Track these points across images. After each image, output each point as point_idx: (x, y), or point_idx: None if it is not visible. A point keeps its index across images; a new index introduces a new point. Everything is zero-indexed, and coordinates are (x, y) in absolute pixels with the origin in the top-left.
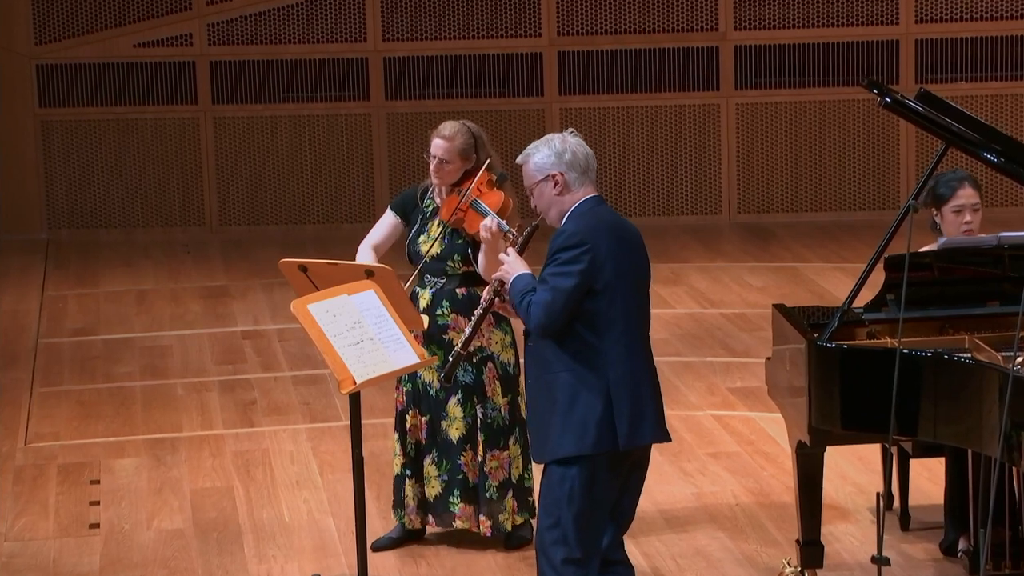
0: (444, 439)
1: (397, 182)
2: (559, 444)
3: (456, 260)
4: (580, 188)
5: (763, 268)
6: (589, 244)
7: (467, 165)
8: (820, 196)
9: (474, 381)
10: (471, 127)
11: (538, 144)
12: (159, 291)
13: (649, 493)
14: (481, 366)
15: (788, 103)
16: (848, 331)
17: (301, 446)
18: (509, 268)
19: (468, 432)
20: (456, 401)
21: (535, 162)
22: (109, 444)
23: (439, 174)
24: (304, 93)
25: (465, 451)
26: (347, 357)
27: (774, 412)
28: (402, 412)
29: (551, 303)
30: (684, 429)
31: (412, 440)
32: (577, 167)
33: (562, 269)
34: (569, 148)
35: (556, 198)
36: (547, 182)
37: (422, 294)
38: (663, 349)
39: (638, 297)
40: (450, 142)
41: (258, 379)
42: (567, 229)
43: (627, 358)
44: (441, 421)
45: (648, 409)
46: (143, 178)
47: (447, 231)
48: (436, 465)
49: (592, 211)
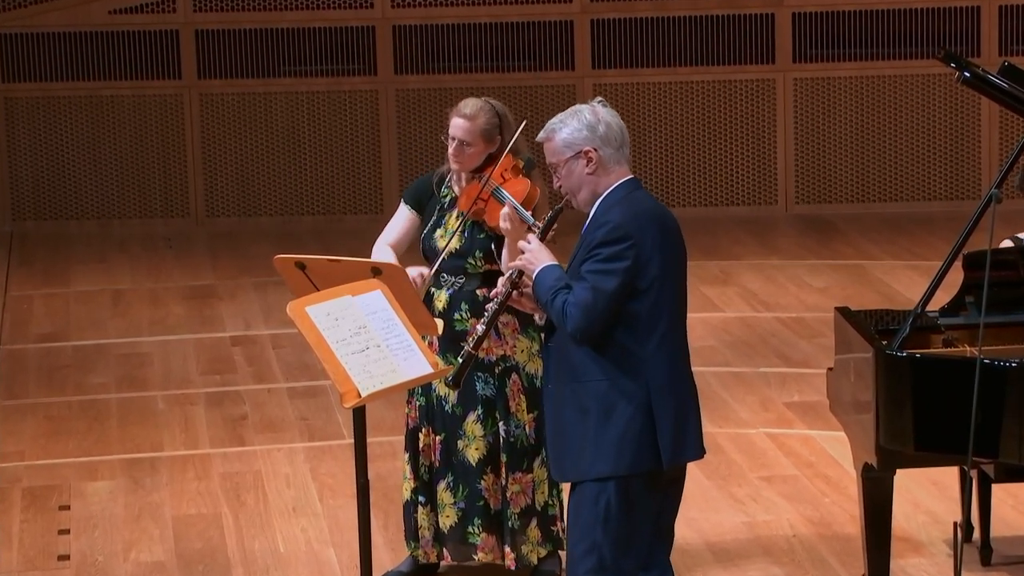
0: (461, 461)
1: (407, 168)
2: (592, 462)
3: (477, 257)
4: (615, 168)
5: (824, 266)
6: (634, 239)
7: (490, 148)
8: (889, 184)
9: (496, 395)
10: (495, 105)
11: (564, 117)
12: (137, 291)
13: (695, 523)
14: (504, 378)
15: (853, 78)
16: (922, 338)
17: (298, 468)
18: (532, 258)
19: (489, 452)
20: (475, 418)
21: (564, 137)
22: (81, 465)
23: (458, 158)
24: (303, 66)
25: (485, 474)
26: (350, 366)
27: (837, 430)
28: (414, 430)
29: (592, 305)
30: (734, 449)
31: (425, 462)
32: (612, 143)
33: (605, 267)
34: (602, 121)
35: (589, 178)
36: (578, 159)
37: (438, 295)
38: (710, 358)
39: (680, 295)
40: (471, 122)
41: (249, 391)
42: (610, 220)
43: (669, 364)
44: (458, 441)
45: (691, 422)
46: (119, 163)
47: (467, 224)
48: (451, 491)
49: (630, 197)
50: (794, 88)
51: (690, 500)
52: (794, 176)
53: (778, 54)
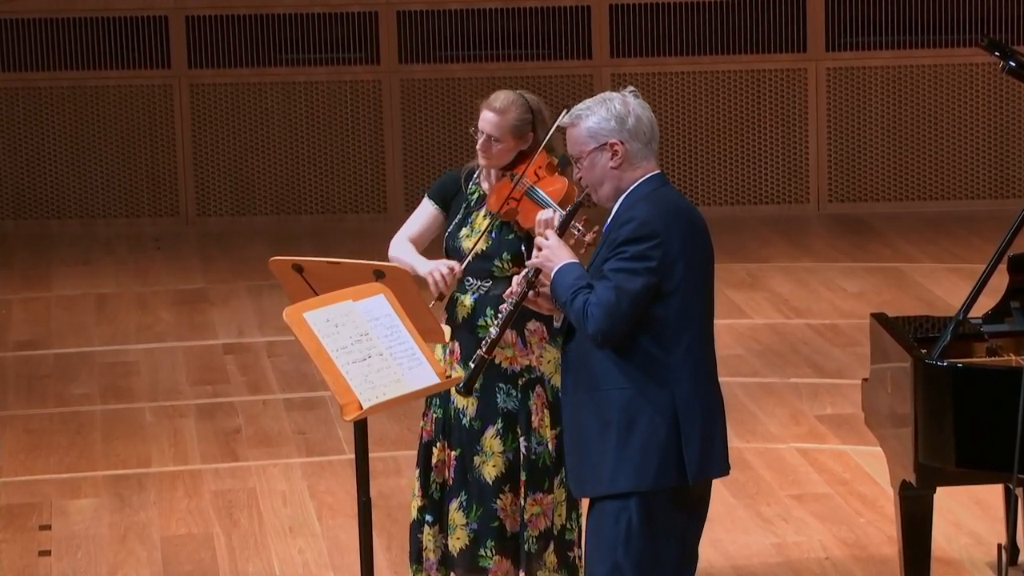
0: (477, 479)
1: (412, 164)
2: (613, 476)
3: (505, 260)
4: (642, 163)
5: (859, 269)
6: (662, 237)
7: (522, 145)
8: (929, 181)
9: (518, 408)
10: (529, 99)
11: (592, 104)
12: (123, 295)
13: (720, 544)
14: (528, 390)
15: (890, 67)
16: (964, 346)
17: (295, 485)
18: (551, 255)
19: (507, 470)
20: (494, 432)
21: (590, 126)
22: (62, 481)
23: (487, 154)
24: (301, 55)
25: (502, 493)
26: (351, 376)
27: (873, 445)
28: (428, 444)
29: (615, 306)
30: (763, 466)
31: (437, 479)
32: (641, 137)
33: (629, 265)
34: (632, 112)
35: (613, 172)
36: (603, 151)
37: (462, 300)
38: (737, 367)
39: (708, 299)
40: (502, 116)
41: (243, 403)
42: (635, 216)
43: (696, 373)
44: (474, 457)
45: (718, 435)
46: (104, 158)
47: (495, 224)
48: (464, 511)
49: (656, 193)
50: (827, 78)
51: (716, 520)
52: (827, 172)
53: (810, 41)
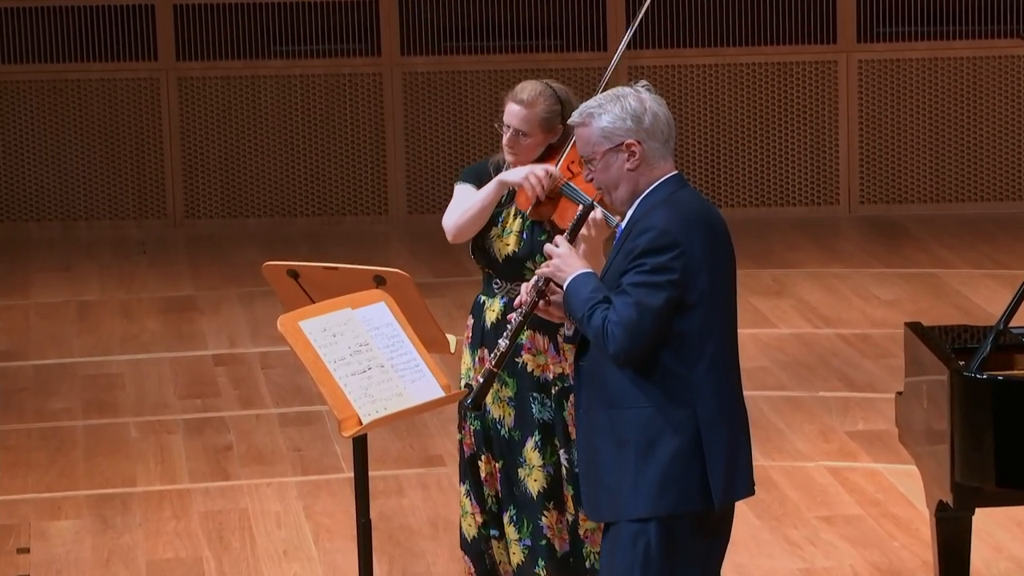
0: (523, 492)
1: (416, 162)
2: (631, 501)
3: (538, 262)
4: (659, 163)
5: (893, 275)
6: (683, 246)
7: (551, 139)
8: (968, 181)
9: (553, 419)
10: (557, 90)
11: (604, 101)
12: (107, 303)
13: (744, 569)
14: (562, 399)
15: (926, 59)
16: (1004, 358)
17: (290, 505)
18: (562, 264)
19: (550, 485)
20: (533, 444)
21: (603, 126)
22: (42, 501)
23: (514, 149)
24: (296, 46)
25: (547, 510)
26: (350, 390)
27: (907, 463)
28: (472, 457)
29: (637, 324)
30: (789, 485)
31: (491, 491)
32: (658, 136)
33: (650, 279)
34: (649, 110)
35: (629, 174)
36: (618, 152)
37: (490, 304)
38: (762, 380)
39: (731, 308)
40: (529, 109)
41: (235, 418)
42: (654, 224)
43: (720, 389)
44: (518, 469)
45: (742, 455)
46: (86, 156)
47: (527, 224)
48: (516, 526)
49: (674, 197)
50: (859, 71)
51: (739, 543)
52: (858, 172)
53: (840, 32)
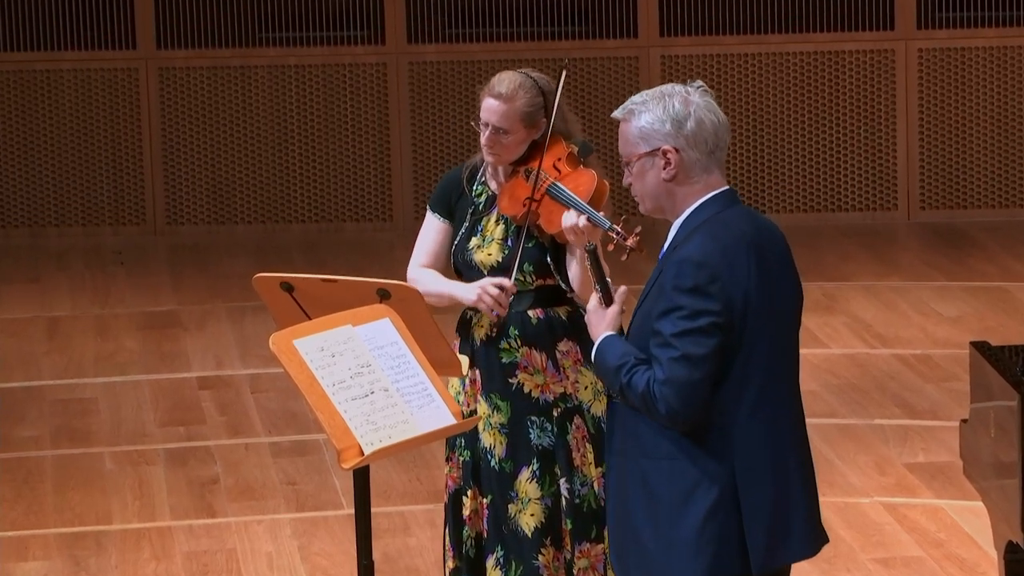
0: (514, 531)
1: (423, 161)
2: (663, 564)
3: (527, 271)
4: (703, 176)
5: (957, 288)
6: (722, 280)
7: (534, 135)
8: None
9: (555, 444)
10: (537, 79)
11: (649, 98)
12: (79, 319)
13: None
14: (565, 422)
15: (993, 49)
16: None
17: (284, 545)
18: (592, 328)
19: (548, 519)
20: (529, 475)
21: (642, 125)
22: (7, 541)
23: (494, 149)
24: (291, 33)
25: (544, 548)
26: (350, 416)
27: (973, 499)
28: (457, 493)
29: (687, 379)
30: (841, 524)
31: (471, 532)
32: (702, 145)
33: (691, 325)
34: (693, 114)
35: (666, 185)
36: (654, 159)
37: (477, 320)
38: (811, 406)
39: (785, 343)
40: (509, 103)
41: (222, 447)
42: (691, 255)
43: (766, 437)
44: (508, 505)
45: (799, 510)
46: (57, 156)
47: (511, 229)
48: (502, 569)
49: (718, 218)
50: (919, 61)
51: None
52: (918, 174)
53: (898, 17)
